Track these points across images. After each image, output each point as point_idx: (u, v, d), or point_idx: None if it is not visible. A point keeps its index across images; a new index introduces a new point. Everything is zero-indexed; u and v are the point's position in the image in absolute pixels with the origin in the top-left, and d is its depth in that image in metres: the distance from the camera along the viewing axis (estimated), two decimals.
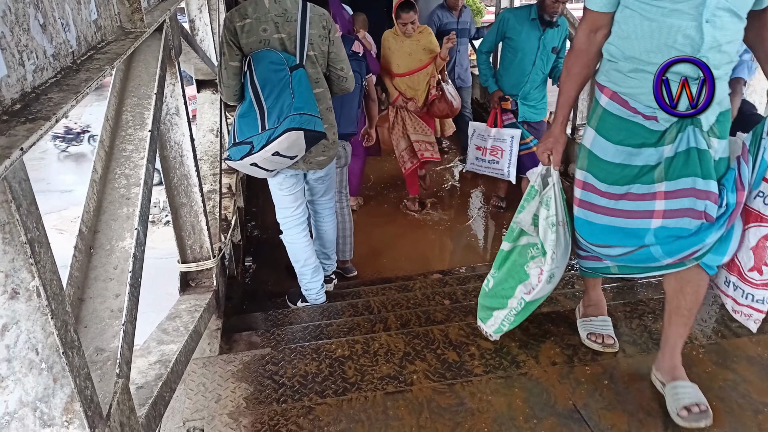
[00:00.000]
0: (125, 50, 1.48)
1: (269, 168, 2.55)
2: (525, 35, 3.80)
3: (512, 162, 4.05)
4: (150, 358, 1.67)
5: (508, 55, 3.94)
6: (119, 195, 1.54)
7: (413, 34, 4.19)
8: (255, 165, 2.45)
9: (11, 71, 0.97)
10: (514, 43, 3.86)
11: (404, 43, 4.20)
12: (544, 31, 3.79)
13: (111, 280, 1.37)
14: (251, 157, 2.38)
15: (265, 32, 2.47)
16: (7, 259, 0.86)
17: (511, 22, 3.84)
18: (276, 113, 2.34)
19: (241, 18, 2.45)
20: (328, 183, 2.96)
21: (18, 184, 0.86)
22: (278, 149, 2.35)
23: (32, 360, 0.94)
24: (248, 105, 2.42)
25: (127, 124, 1.71)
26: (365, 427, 1.87)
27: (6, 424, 0.97)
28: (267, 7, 2.46)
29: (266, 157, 2.38)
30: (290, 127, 2.31)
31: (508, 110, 4.04)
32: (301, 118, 2.33)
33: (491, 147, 4.12)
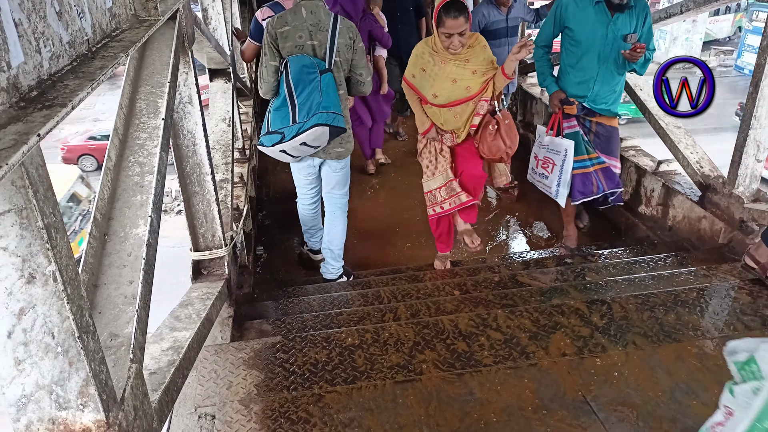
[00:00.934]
0: (139, 38, 1.48)
1: (295, 155, 2.95)
2: (588, 23, 3.11)
3: (563, 180, 3.33)
4: (163, 344, 1.69)
5: (570, 48, 3.23)
6: (133, 183, 1.55)
7: (461, 52, 2.81)
8: (284, 152, 2.86)
9: (28, 58, 0.98)
10: (575, 34, 3.17)
11: (447, 66, 2.83)
12: (612, 16, 3.07)
13: (125, 267, 1.39)
14: (282, 145, 2.80)
15: (301, 39, 2.85)
16: (25, 243, 0.87)
17: (571, 9, 3.14)
18: (306, 109, 2.75)
19: (281, 25, 2.83)
20: (341, 175, 3.26)
21: (35, 170, 0.87)
22: (306, 140, 2.78)
23: (48, 344, 0.95)
24: (282, 100, 2.81)
25: (141, 112, 1.73)
26: (374, 415, 1.89)
27: (23, 406, 0.99)
28: (304, 17, 2.84)
29: (295, 146, 2.80)
30: (318, 123, 2.73)
31: (572, 116, 3.33)
32: (327, 115, 2.74)
33: (543, 158, 3.45)
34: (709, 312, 2.37)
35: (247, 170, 4.07)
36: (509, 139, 2.98)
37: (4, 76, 0.90)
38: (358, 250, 4.01)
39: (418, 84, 2.97)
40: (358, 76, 3.03)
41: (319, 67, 2.81)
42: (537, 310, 2.43)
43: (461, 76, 2.85)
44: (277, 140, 2.79)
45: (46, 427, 1.01)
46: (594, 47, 3.13)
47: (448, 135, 3.08)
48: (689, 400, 1.91)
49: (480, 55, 2.85)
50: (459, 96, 2.90)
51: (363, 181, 5.06)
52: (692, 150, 3.46)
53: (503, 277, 3.07)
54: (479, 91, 2.88)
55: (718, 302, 2.45)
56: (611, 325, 2.30)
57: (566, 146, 3.28)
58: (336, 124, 2.77)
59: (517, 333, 2.28)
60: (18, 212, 0.86)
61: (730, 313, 2.36)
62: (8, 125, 0.87)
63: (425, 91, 2.95)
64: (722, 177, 3.18)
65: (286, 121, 2.79)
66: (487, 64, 2.86)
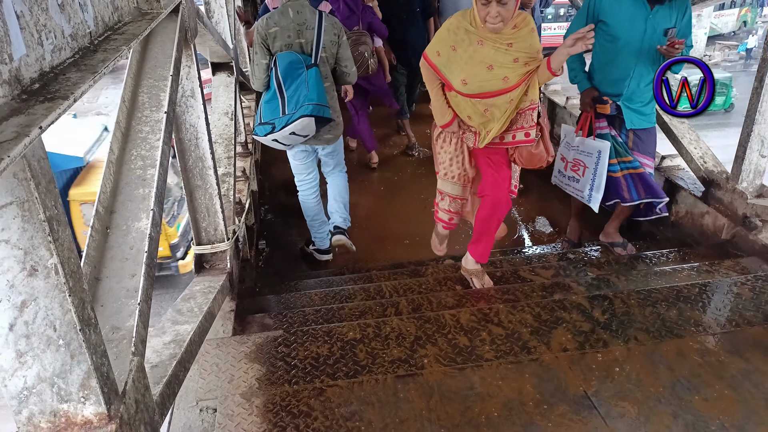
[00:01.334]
0: (142, 31, 1.48)
1: (287, 143, 3.19)
2: (625, 17, 2.82)
3: (596, 185, 3.08)
4: (164, 337, 1.69)
5: (605, 44, 2.91)
6: (135, 176, 1.55)
7: (503, 30, 2.34)
8: (276, 141, 3.10)
9: (30, 51, 0.98)
10: (611, 29, 2.87)
11: (484, 48, 2.36)
12: (652, 9, 2.78)
13: (127, 260, 1.39)
14: (273, 134, 3.04)
15: (289, 38, 3.10)
16: (27, 236, 0.87)
17: (606, 1, 2.85)
18: (294, 102, 2.99)
19: (270, 26, 3.09)
20: (336, 158, 3.57)
21: (37, 162, 0.87)
22: (294, 130, 3.02)
23: (50, 336, 0.95)
24: (272, 94, 3.07)
25: (143, 105, 1.72)
26: (376, 409, 1.89)
27: (25, 398, 0.99)
28: (291, 17, 3.09)
29: (285, 135, 3.04)
30: (305, 114, 2.97)
31: (605, 115, 3.06)
32: (314, 107, 2.98)
33: (573, 160, 3.19)
34: (711, 308, 2.36)
35: (250, 164, 4.07)
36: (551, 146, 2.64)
37: (6, 69, 0.90)
38: (361, 244, 4.02)
39: (443, 65, 2.48)
40: (343, 67, 3.30)
41: (306, 62, 3.05)
42: (539, 305, 2.43)
43: (500, 63, 2.36)
44: (269, 130, 3.03)
45: (48, 419, 1.01)
46: (632, 43, 2.83)
47: (470, 134, 2.64)
48: (691, 396, 1.91)
49: (526, 39, 2.35)
50: (493, 87, 2.41)
51: (366, 178, 5.07)
52: (696, 145, 3.45)
53: (505, 272, 3.06)
54: (517, 84, 2.40)
55: (720, 298, 2.44)
56: (613, 321, 2.30)
57: (600, 148, 3.03)
58: (322, 115, 3.02)
59: (518, 328, 2.28)
60: (20, 205, 0.86)
61: (732, 309, 2.36)
62: (10, 117, 0.87)
63: (451, 74, 2.46)
64: (726, 172, 3.17)
65: (276, 113, 3.02)
66: (532, 53, 2.37)
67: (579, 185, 3.20)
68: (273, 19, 3.08)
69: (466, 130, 2.67)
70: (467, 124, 2.64)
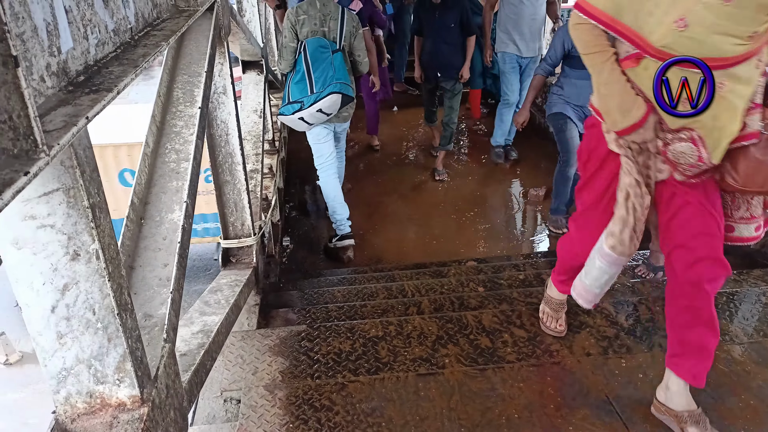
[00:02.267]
0: (179, 27, 1.52)
1: (311, 122, 3.43)
2: None
3: None
4: (193, 327, 1.73)
5: None
6: (169, 169, 1.59)
7: None
8: (302, 119, 3.37)
9: (76, 44, 1.02)
10: None
11: None
12: None
13: (160, 250, 1.42)
14: (301, 112, 3.32)
15: (315, 26, 3.42)
16: (71, 222, 0.91)
17: None
18: (321, 82, 3.31)
19: (299, 15, 3.42)
20: (344, 135, 4.06)
21: (83, 151, 0.91)
22: (322, 107, 3.31)
23: (89, 319, 0.99)
24: (301, 75, 3.36)
25: (178, 100, 1.77)
26: (396, 406, 1.91)
27: (63, 379, 1.03)
28: (318, 8, 3.42)
29: (312, 112, 3.31)
30: (333, 91, 3.28)
31: None
32: (340, 85, 3.30)
33: None
34: (738, 317, 2.33)
35: (276, 162, 4.12)
36: None
37: (55, 61, 0.94)
38: (382, 245, 4.04)
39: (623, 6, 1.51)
40: (357, 57, 3.60)
41: (331, 47, 3.40)
42: None
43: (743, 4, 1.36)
44: (297, 108, 3.33)
45: (84, 400, 1.05)
46: None
47: (686, 145, 1.54)
48: (715, 405, 1.89)
49: None
50: (724, 49, 1.42)
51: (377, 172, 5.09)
52: None
53: (528, 275, 3.05)
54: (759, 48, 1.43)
55: (748, 308, 2.40)
56: (637, 327, 2.28)
57: None
58: (347, 93, 3.35)
59: (540, 331, 2.27)
60: (66, 191, 0.89)
61: (761, 318, 2.32)
62: (58, 107, 0.90)
63: (646, 18, 1.47)
64: None
65: (304, 92, 3.33)
66: None
67: None
68: (302, 9, 3.44)
69: (675, 139, 1.56)
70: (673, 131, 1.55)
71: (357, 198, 4.79)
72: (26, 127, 0.74)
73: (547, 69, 3.68)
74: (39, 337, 0.98)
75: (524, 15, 4.53)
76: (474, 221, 4.41)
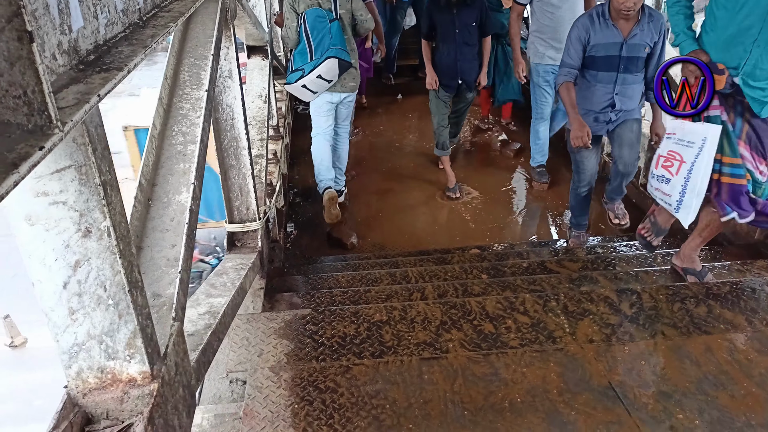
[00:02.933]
0: (187, 9, 1.52)
1: (314, 89, 3.66)
2: None
3: (691, 187, 2.31)
4: (199, 309, 1.74)
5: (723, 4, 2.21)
6: (176, 151, 1.60)
7: None
8: (305, 87, 3.60)
9: (86, 23, 1.02)
10: None
11: None
12: None
13: (167, 231, 1.43)
14: (303, 79, 3.55)
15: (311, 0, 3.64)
16: (83, 199, 0.92)
17: None
18: (320, 50, 3.55)
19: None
20: (350, 108, 4.12)
21: (94, 129, 0.92)
22: (321, 73, 3.55)
23: (100, 296, 1.00)
24: (302, 45, 3.64)
25: (185, 83, 1.77)
26: (400, 389, 1.92)
27: (75, 354, 1.05)
28: None
29: (312, 79, 3.56)
30: (330, 56, 3.52)
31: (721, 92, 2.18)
32: (337, 51, 3.55)
33: (667, 153, 2.41)
34: (741, 306, 2.33)
35: (281, 147, 4.12)
36: None
37: (66, 39, 0.94)
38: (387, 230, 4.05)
39: None
40: (359, 17, 3.80)
41: (329, 17, 3.63)
42: (566, 296, 2.43)
43: None
44: (299, 76, 3.57)
45: (95, 375, 1.06)
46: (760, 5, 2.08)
47: None
48: (717, 392, 1.90)
49: None
50: None
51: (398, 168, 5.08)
52: None
53: (532, 263, 3.06)
54: None
55: (751, 297, 2.41)
56: (640, 315, 2.29)
57: (705, 134, 2.21)
58: (343, 58, 3.58)
59: (544, 317, 2.28)
60: (78, 168, 0.90)
61: (765, 308, 2.33)
62: (70, 85, 0.91)
63: None
64: None
65: (305, 60, 3.59)
66: None
67: (668, 187, 2.38)
68: None
69: None
70: None
71: (361, 185, 4.80)
72: (40, 103, 0.75)
73: (571, 73, 3.04)
74: (51, 312, 0.99)
75: (564, 21, 3.79)
76: (478, 209, 4.41)
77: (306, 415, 1.82)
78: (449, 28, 3.96)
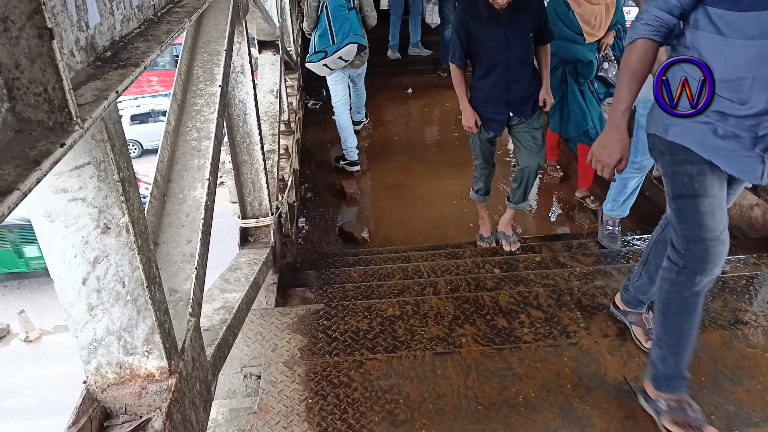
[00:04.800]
0: (201, 4, 1.52)
1: (333, 67, 4.28)
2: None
3: None
4: (214, 304, 1.75)
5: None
6: (191, 147, 1.60)
7: None
8: (325, 65, 4.22)
9: (103, 20, 1.02)
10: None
11: None
12: None
13: (183, 227, 1.44)
14: (325, 60, 4.17)
15: None
16: (101, 195, 0.92)
17: None
18: (341, 35, 4.13)
19: None
20: (362, 77, 4.87)
21: (113, 125, 0.92)
22: (341, 54, 4.17)
23: (119, 292, 1.01)
24: (324, 29, 4.19)
25: (198, 79, 1.77)
26: (414, 384, 1.92)
27: (94, 349, 1.05)
28: None
29: (334, 59, 4.18)
30: (351, 41, 4.13)
31: None
32: (357, 37, 4.16)
33: None
34: (758, 300, 2.31)
35: (292, 143, 4.13)
36: None
37: (83, 36, 0.94)
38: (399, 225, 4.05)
39: None
40: (365, 12, 4.39)
41: (347, 6, 4.18)
42: (579, 290, 2.41)
43: None
44: (322, 57, 4.16)
45: (114, 370, 1.07)
46: None
47: None
48: (733, 387, 1.88)
49: None
50: None
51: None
52: None
53: (544, 258, 3.05)
54: None
55: (767, 291, 2.39)
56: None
57: None
58: (361, 42, 4.19)
59: (557, 312, 2.28)
60: (96, 165, 0.90)
61: None
62: (88, 82, 0.91)
63: None
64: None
65: (327, 43, 4.15)
66: None
67: None
68: None
69: None
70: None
71: (372, 180, 4.80)
72: (61, 100, 0.75)
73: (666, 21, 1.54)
74: (70, 308, 1.00)
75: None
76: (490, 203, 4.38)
77: (320, 410, 1.83)
78: (497, 47, 2.84)
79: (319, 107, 6.14)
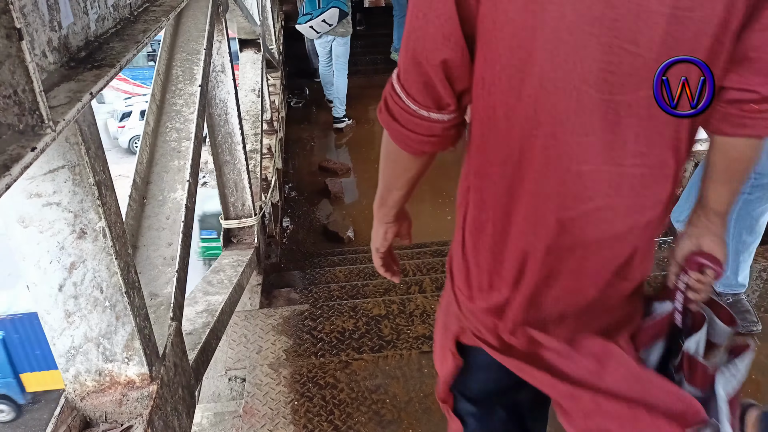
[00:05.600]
0: (179, 3, 1.50)
1: (318, 30, 4.89)
2: None
3: None
4: (197, 307, 1.72)
5: None
6: (170, 148, 1.58)
7: None
8: (311, 27, 4.84)
9: (77, 19, 1.00)
10: None
11: None
12: None
13: (163, 230, 1.41)
14: (311, 22, 4.78)
15: None
16: (77, 199, 0.90)
17: None
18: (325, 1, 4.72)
19: None
20: (343, 48, 5.23)
21: (87, 128, 0.89)
22: (325, 18, 4.77)
23: (97, 298, 0.98)
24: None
25: (177, 78, 1.74)
26: (400, 383, 1.92)
27: (72, 357, 1.03)
28: None
29: (318, 22, 4.78)
30: (334, 5, 4.73)
31: None
32: (340, 3, 4.75)
33: None
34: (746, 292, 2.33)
35: (275, 142, 4.10)
36: None
37: (56, 36, 0.92)
38: None
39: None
40: None
41: None
42: None
43: None
44: (308, 19, 4.77)
45: (93, 378, 1.04)
46: None
47: None
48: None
49: None
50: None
51: None
52: None
53: None
54: None
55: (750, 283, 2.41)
56: None
57: None
58: (343, 8, 4.77)
59: None
60: (71, 168, 0.88)
61: (761, 294, 2.33)
62: (61, 83, 0.88)
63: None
64: None
65: (314, 6, 4.76)
66: None
67: None
68: None
69: None
70: None
71: (356, 178, 4.78)
72: (31, 102, 0.72)
73: None
74: (47, 315, 0.98)
75: None
76: None
77: (306, 412, 1.81)
78: None
79: (302, 105, 6.10)
